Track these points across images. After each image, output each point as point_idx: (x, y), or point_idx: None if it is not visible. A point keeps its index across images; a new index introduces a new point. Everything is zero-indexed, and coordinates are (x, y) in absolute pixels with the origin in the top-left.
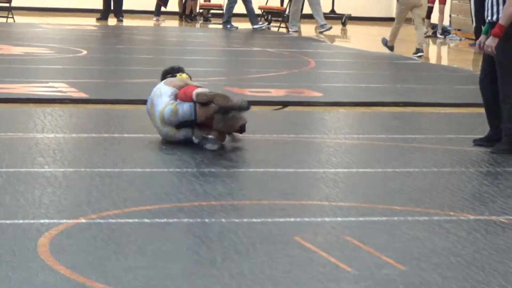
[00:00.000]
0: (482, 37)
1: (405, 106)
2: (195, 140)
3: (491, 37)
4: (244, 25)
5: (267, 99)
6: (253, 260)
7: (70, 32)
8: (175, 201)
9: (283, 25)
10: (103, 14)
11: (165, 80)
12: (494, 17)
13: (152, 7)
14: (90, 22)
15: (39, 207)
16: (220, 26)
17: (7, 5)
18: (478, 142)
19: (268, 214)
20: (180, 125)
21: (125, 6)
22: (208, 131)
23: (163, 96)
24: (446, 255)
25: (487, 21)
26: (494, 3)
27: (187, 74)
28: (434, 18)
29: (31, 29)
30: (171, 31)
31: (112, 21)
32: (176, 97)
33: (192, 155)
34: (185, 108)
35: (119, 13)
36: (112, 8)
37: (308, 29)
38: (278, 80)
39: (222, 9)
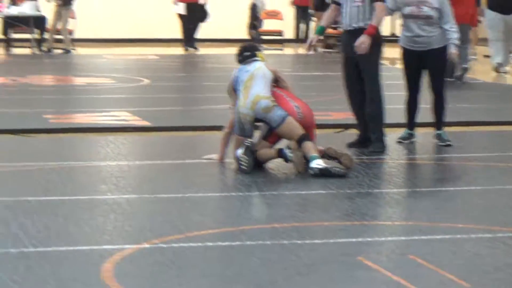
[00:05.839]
0: (314, 37)
1: (462, 125)
2: (252, 142)
3: (365, 36)
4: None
5: (328, 122)
6: (315, 281)
7: (132, 62)
8: (237, 224)
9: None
10: (186, 43)
11: (264, 63)
12: (361, 24)
13: (214, 35)
14: (154, 51)
15: (103, 234)
16: (277, 52)
17: (70, 36)
18: (351, 145)
19: (330, 235)
20: (259, 121)
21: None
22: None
23: (265, 78)
24: (509, 271)
25: (346, 29)
26: (360, 11)
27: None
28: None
29: (93, 60)
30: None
31: (180, 49)
32: (271, 86)
33: (254, 179)
34: (277, 113)
35: (192, 41)
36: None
37: None
38: (338, 103)
39: (281, 35)
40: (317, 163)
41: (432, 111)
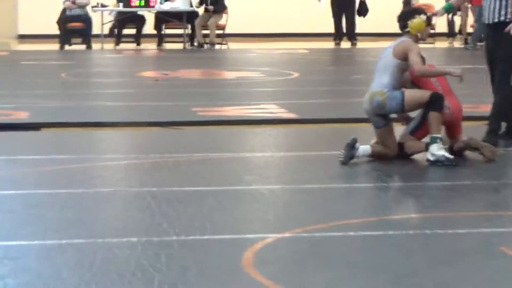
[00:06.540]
0: (440, 10)
1: None
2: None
3: None
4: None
5: (476, 114)
6: (458, 270)
7: (282, 56)
8: (379, 214)
9: None
10: (338, 37)
11: (396, 44)
12: (502, 18)
13: (369, 29)
14: (304, 45)
15: (245, 223)
16: (429, 45)
17: (221, 31)
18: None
19: (473, 225)
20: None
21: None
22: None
23: (386, 71)
24: None
25: (487, 22)
26: (503, 5)
27: (423, 16)
28: None
29: (244, 54)
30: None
31: (330, 44)
32: (398, 73)
33: (399, 170)
34: (393, 104)
35: (353, 36)
36: (345, 31)
37: None
38: (487, 96)
39: (433, 28)
40: (432, 152)
41: None
